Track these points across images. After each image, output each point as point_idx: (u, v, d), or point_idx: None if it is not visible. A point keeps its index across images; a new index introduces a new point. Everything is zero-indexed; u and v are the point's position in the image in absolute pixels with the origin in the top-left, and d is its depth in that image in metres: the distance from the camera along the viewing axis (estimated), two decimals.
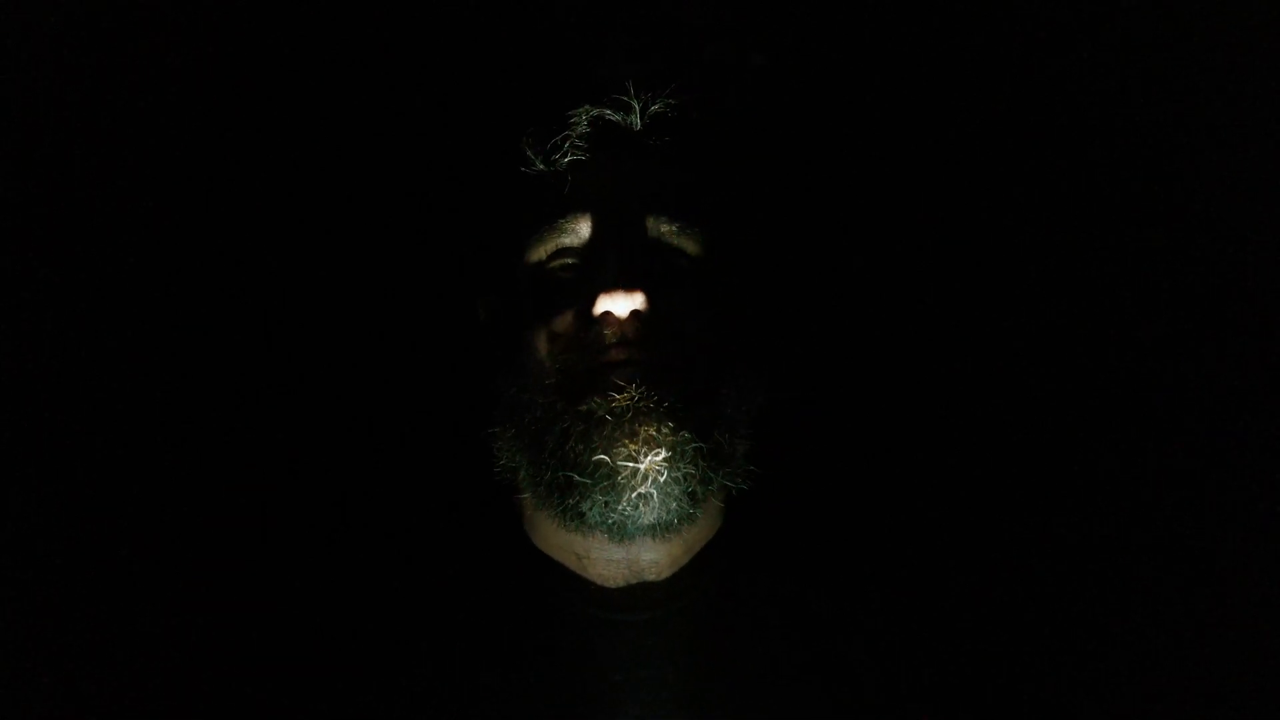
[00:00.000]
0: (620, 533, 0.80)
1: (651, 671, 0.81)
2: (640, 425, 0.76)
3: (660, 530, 0.81)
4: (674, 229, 0.83)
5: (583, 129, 0.84)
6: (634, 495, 0.77)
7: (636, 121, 0.85)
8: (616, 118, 0.84)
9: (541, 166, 0.85)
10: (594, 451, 0.77)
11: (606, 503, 0.78)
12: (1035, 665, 0.95)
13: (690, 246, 0.84)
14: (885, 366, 1.12)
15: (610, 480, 0.77)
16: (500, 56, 1.01)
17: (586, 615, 0.84)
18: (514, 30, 0.98)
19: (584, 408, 0.78)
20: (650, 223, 0.83)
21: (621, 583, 0.85)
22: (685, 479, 0.78)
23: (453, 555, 0.90)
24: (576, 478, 0.78)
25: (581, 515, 0.80)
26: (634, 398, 0.77)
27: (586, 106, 0.84)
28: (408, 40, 1.09)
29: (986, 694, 0.87)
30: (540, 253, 0.85)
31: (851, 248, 1.13)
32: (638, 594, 0.85)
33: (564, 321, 0.82)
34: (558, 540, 0.86)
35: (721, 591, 0.86)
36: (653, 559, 0.85)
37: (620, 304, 0.78)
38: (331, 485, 1.06)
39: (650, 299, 0.79)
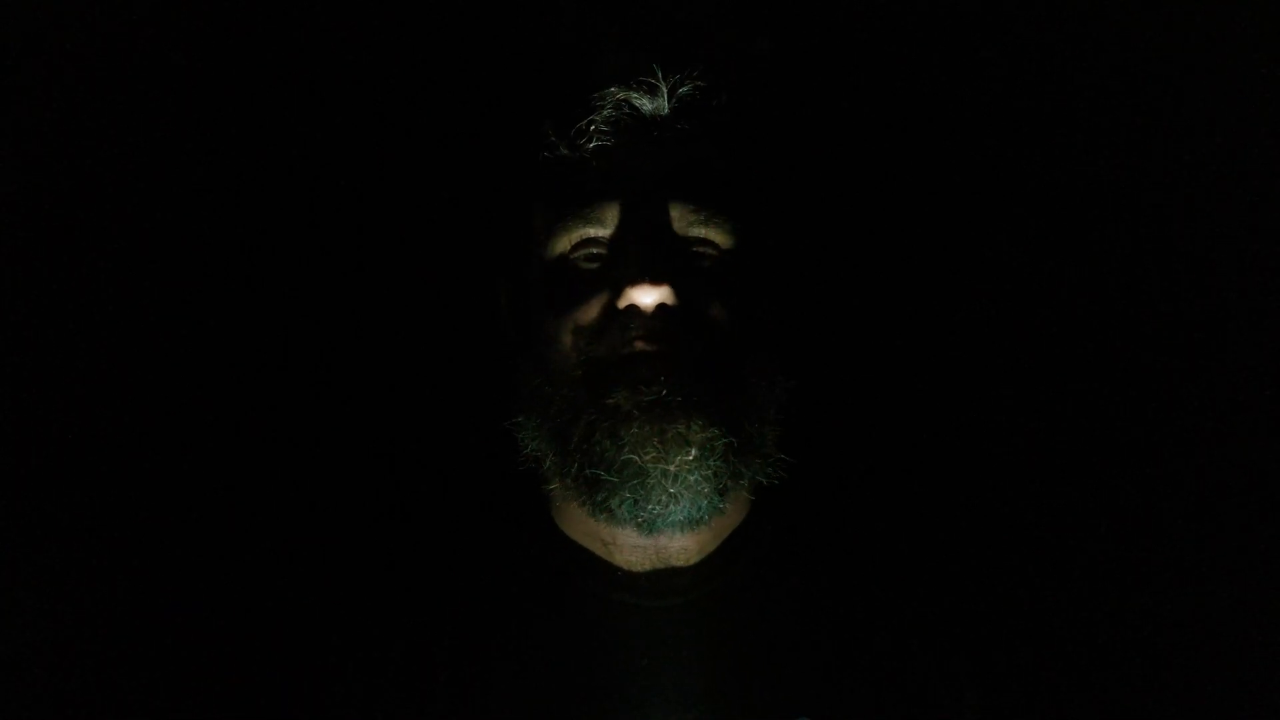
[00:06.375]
0: (650, 528, 0.79)
1: (679, 657, 0.80)
2: (669, 423, 0.75)
3: (691, 525, 0.80)
4: (701, 218, 0.82)
5: (608, 114, 0.82)
6: (664, 495, 0.76)
7: (664, 106, 0.83)
8: (642, 102, 0.82)
9: (565, 152, 0.83)
10: (622, 450, 0.75)
11: (636, 500, 0.77)
12: (1067, 652, 0.95)
13: (717, 235, 0.83)
14: (916, 353, 1.12)
15: (640, 480, 0.76)
16: (520, 40, 1.01)
17: (613, 601, 0.83)
18: (532, 13, 0.97)
19: (610, 401, 0.76)
20: (676, 211, 0.81)
21: (649, 569, 0.84)
22: (716, 475, 0.77)
23: (479, 539, 0.90)
24: (604, 476, 0.76)
25: (610, 511, 0.78)
26: (661, 392, 0.75)
27: (612, 90, 0.82)
28: (429, 25, 1.09)
29: (1020, 678, 0.87)
30: (565, 243, 0.83)
31: (879, 235, 1.13)
32: (665, 580, 0.84)
33: (589, 314, 0.80)
34: (584, 527, 0.85)
35: (750, 578, 0.86)
36: (680, 546, 0.84)
37: (646, 297, 0.76)
38: (358, 471, 1.06)
39: (676, 291, 0.77)
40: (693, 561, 0.85)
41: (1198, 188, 1.09)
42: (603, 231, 0.82)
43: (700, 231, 0.82)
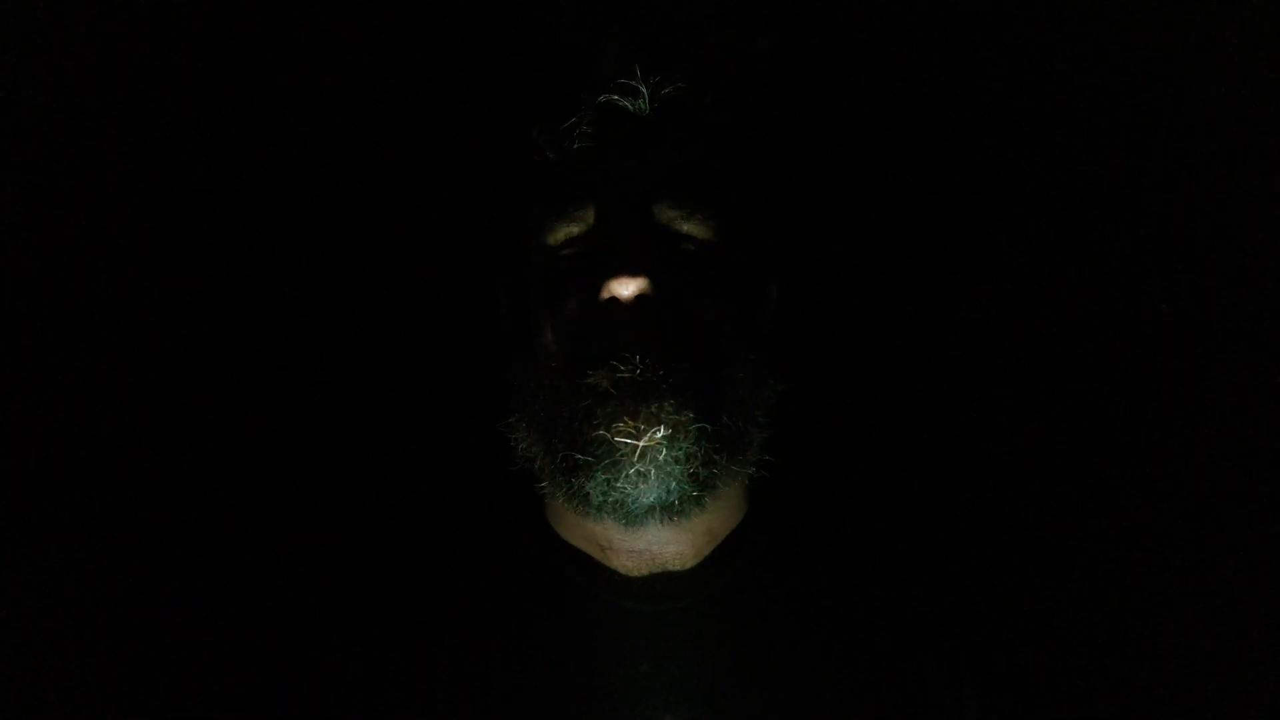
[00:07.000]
0: (623, 513, 0.79)
1: (677, 661, 0.81)
2: (642, 402, 0.76)
3: (664, 513, 0.80)
4: (682, 214, 0.83)
5: (591, 116, 0.83)
6: (632, 472, 0.76)
7: (645, 106, 0.84)
8: (624, 103, 0.84)
9: (551, 155, 0.85)
10: (595, 428, 0.76)
11: (608, 480, 0.77)
12: (1067, 652, 0.95)
13: (699, 231, 0.84)
14: (913, 354, 1.12)
15: (610, 457, 0.76)
16: (511, 45, 1.01)
17: (610, 605, 0.84)
18: (523, 17, 0.98)
19: (590, 380, 0.77)
20: (658, 208, 0.83)
21: (645, 572, 0.85)
22: (686, 459, 0.77)
23: (479, 544, 0.90)
24: (579, 457, 0.77)
25: (587, 497, 0.79)
26: (638, 369, 0.76)
27: (594, 93, 0.83)
28: (428, 27, 1.09)
29: (1020, 678, 0.87)
30: (552, 241, 0.85)
31: (877, 236, 1.13)
32: (661, 584, 0.84)
33: (573, 309, 0.81)
34: (580, 531, 0.86)
35: (747, 581, 0.86)
36: (676, 550, 0.85)
37: (625, 288, 0.78)
38: (356, 477, 1.06)
39: (657, 283, 0.78)
40: (689, 566, 0.85)
41: (1198, 188, 1.09)
42: (586, 230, 0.84)
43: (683, 227, 0.84)
